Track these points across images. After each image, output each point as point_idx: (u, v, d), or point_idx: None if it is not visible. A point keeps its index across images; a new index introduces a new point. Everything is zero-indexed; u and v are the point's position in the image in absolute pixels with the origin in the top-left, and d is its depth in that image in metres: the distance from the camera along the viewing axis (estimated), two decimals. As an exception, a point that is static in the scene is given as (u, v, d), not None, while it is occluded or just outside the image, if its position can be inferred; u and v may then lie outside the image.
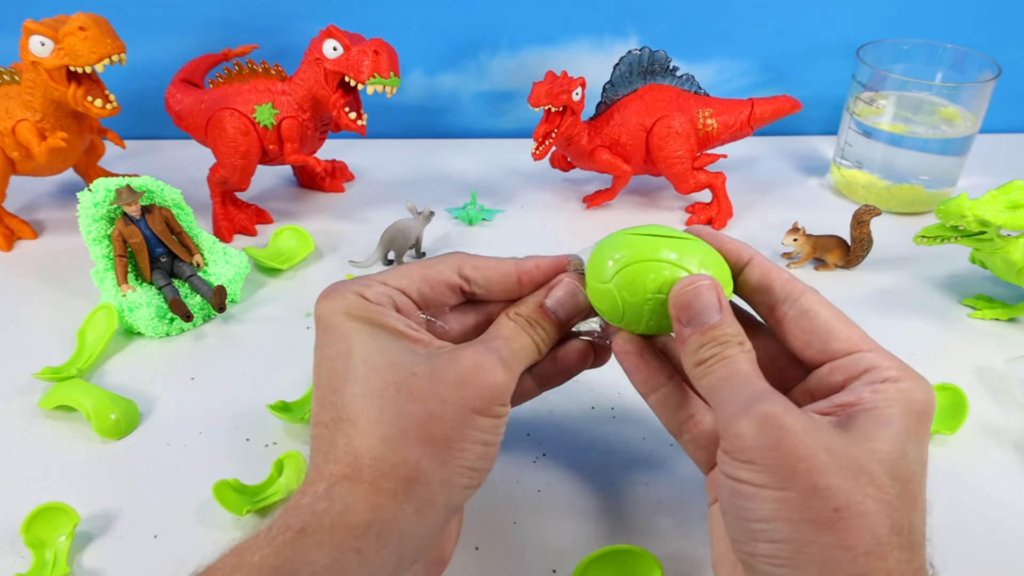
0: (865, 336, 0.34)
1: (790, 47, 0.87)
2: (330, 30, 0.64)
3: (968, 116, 0.73)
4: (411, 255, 0.69)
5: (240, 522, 0.44)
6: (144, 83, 0.78)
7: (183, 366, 0.56)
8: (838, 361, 0.33)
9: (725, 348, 0.32)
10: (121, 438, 0.50)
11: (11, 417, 0.51)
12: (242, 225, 0.72)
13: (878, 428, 0.29)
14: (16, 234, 0.70)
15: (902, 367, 0.32)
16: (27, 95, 0.65)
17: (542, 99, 0.67)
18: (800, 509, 0.27)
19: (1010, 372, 0.55)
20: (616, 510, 0.46)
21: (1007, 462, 0.49)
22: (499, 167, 0.84)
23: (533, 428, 0.51)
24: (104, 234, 0.59)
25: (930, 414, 0.31)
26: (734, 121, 0.73)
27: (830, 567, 0.27)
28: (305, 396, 0.53)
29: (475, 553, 0.43)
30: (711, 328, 0.32)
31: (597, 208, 0.77)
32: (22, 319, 0.61)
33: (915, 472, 0.30)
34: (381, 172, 0.83)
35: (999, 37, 0.86)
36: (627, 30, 0.85)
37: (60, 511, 0.43)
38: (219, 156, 0.69)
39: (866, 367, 0.32)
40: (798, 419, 0.29)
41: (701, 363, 0.33)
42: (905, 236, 0.66)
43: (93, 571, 0.42)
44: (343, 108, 0.66)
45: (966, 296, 0.64)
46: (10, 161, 0.67)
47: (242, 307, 0.62)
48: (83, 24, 0.60)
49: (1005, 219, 0.56)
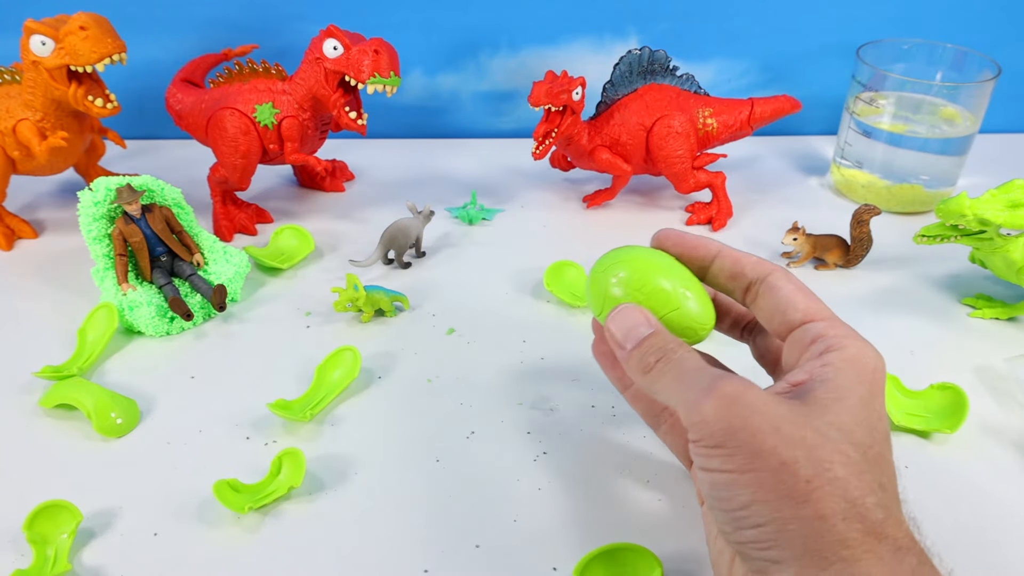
0: (822, 307, 0.35)
1: (790, 47, 0.87)
2: (330, 30, 0.64)
3: (968, 116, 0.73)
4: (411, 254, 0.69)
5: (241, 520, 0.44)
6: (144, 83, 0.78)
7: (183, 365, 0.56)
8: (794, 333, 0.34)
9: (667, 352, 0.33)
10: (121, 437, 0.50)
11: (11, 416, 0.52)
12: (242, 224, 0.72)
13: (832, 401, 0.30)
14: (16, 233, 0.70)
15: (849, 334, 0.33)
16: (28, 94, 0.65)
17: (542, 99, 0.67)
18: (774, 487, 0.28)
19: (1010, 372, 0.55)
20: (616, 508, 0.46)
21: (1007, 462, 0.49)
22: (499, 167, 0.84)
23: (534, 427, 0.51)
24: (104, 233, 0.59)
25: (880, 379, 0.32)
26: (734, 121, 0.73)
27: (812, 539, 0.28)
28: (305, 395, 0.53)
29: (476, 551, 0.43)
30: (646, 339, 0.34)
31: (597, 208, 0.77)
32: (22, 318, 0.61)
33: (875, 439, 0.30)
34: (381, 172, 0.83)
35: (999, 37, 0.86)
36: (627, 30, 0.85)
37: (63, 508, 0.43)
38: (219, 155, 0.69)
39: (814, 337, 0.33)
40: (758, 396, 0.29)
41: (649, 369, 0.33)
42: (905, 235, 0.66)
43: (94, 569, 0.42)
44: (343, 107, 0.67)
45: (966, 295, 0.64)
46: (11, 160, 0.68)
47: (242, 306, 0.62)
48: (84, 23, 0.60)
49: (1005, 218, 0.56)
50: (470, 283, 0.65)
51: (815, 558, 0.28)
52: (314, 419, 0.52)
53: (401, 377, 0.55)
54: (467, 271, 0.67)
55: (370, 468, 0.48)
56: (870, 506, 0.28)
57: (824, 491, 0.28)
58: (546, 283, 0.63)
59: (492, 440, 0.50)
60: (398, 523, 0.45)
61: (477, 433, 0.51)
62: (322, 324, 0.60)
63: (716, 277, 0.37)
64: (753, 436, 0.28)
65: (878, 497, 0.28)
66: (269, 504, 0.45)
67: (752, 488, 0.28)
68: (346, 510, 0.46)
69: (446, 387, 0.55)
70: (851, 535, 0.27)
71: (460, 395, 0.54)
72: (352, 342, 0.56)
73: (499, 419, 0.52)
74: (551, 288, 0.62)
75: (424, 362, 0.57)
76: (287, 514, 0.45)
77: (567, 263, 0.65)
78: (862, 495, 0.28)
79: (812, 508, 0.28)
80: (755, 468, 0.28)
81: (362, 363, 0.54)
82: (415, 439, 0.50)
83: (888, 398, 0.51)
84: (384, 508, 0.46)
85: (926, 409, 0.52)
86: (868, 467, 0.29)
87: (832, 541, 0.27)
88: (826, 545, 0.28)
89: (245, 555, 0.43)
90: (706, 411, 0.30)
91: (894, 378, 0.53)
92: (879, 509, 0.28)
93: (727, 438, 0.29)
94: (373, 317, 0.61)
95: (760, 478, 0.28)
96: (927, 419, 0.51)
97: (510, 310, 0.62)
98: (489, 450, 0.49)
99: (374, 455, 0.49)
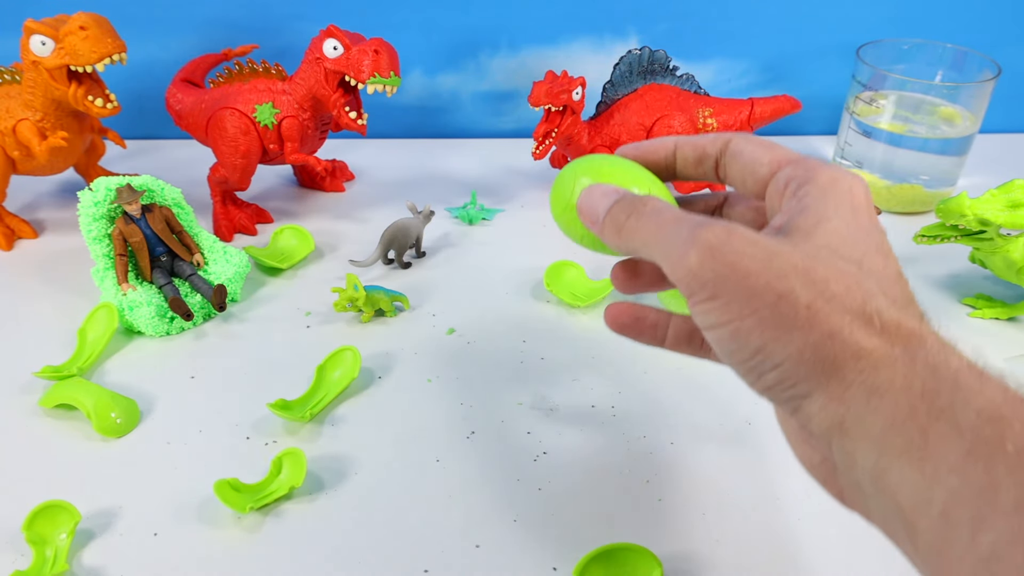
0: (786, 152, 0.33)
1: (790, 47, 0.87)
2: (330, 30, 0.64)
3: (968, 116, 0.73)
4: (411, 254, 0.69)
5: (241, 520, 0.44)
6: (144, 83, 0.78)
7: (183, 365, 0.56)
8: (768, 188, 0.33)
9: (637, 207, 0.32)
10: (121, 437, 0.50)
11: (11, 416, 0.52)
12: (242, 224, 0.72)
13: (813, 226, 0.29)
14: (17, 233, 0.70)
15: (818, 165, 0.32)
16: (28, 94, 0.65)
17: (542, 98, 0.67)
18: (778, 323, 0.27)
19: (1010, 372, 0.55)
20: (616, 508, 0.46)
21: (1007, 461, 0.49)
22: (499, 167, 0.84)
23: (534, 427, 0.51)
24: (104, 233, 0.59)
25: (859, 195, 0.31)
26: (734, 121, 0.73)
27: (829, 361, 0.27)
28: (305, 395, 0.53)
29: (476, 551, 0.43)
30: (616, 202, 0.32)
31: (597, 208, 0.77)
32: (22, 318, 0.61)
33: (867, 249, 0.30)
34: (381, 172, 0.83)
35: (999, 37, 0.86)
36: (627, 30, 0.85)
37: (62, 509, 0.43)
38: (219, 155, 0.69)
39: (786, 181, 0.32)
40: (741, 238, 0.28)
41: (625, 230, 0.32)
42: (905, 235, 0.66)
43: (93, 569, 0.42)
44: (343, 107, 0.67)
45: (966, 295, 0.64)
46: (11, 160, 0.68)
47: (242, 306, 0.62)
48: (84, 23, 0.60)
49: (1005, 218, 0.56)
50: (470, 283, 0.65)
51: (837, 378, 0.27)
52: (314, 419, 0.52)
53: (401, 377, 0.55)
54: (467, 271, 0.67)
55: (370, 468, 0.48)
56: (876, 311, 0.27)
57: (826, 310, 0.27)
58: (546, 283, 0.63)
59: (492, 440, 0.50)
60: (398, 523, 0.45)
61: (477, 433, 0.51)
62: (322, 324, 0.60)
63: (684, 169, 0.36)
64: (745, 279, 0.27)
65: (881, 302, 0.28)
66: (269, 504, 0.45)
67: (758, 331, 0.28)
68: (346, 510, 0.46)
69: (446, 387, 0.55)
70: (864, 344, 0.27)
71: (460, 395, 0.54)
72: (352, 342, 0.56)
73: (499, 419, 0.52)
74: (551, 288, 0.62)
75: (424, 362, 0.57)
76: (287, 514, 0.45)
77: (567, 263, 0.65)
78: (864, 303, 0.27)
79: (819, 330, 0.27)
80: (755, 310, 0.27)
81: (362, 363, 0.54)
82: (415, 439, 0.50)
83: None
84: (384, 508, 0.46)
85: (926, 409, 0.52)
86: (865, 276, 0.28)
87: (848, 356, 0.27)
88: (844, 361, 0.27)
89: (245, 555, 0.43)
90: (691, 263, 0.28)
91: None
92: (888, 310, 0.27)
93: (719, 287, 0.28)
94: (373, 317, 0.61)
95: (762, 318, 0.27)
96: (927, 419, 0.51)
97: (510, 310, 0.62)
98: (489, 450, 0.49)
99: (374, 455, 0.49)
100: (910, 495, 0.25)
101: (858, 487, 0.27)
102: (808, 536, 0.44)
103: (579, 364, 0.56)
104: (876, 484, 0.26)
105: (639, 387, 0.54)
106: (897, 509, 0.25)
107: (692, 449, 0.50)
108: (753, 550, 0.43)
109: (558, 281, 0.64)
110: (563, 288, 0.63)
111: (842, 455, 0.27)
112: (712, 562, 0.43)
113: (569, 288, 0.63)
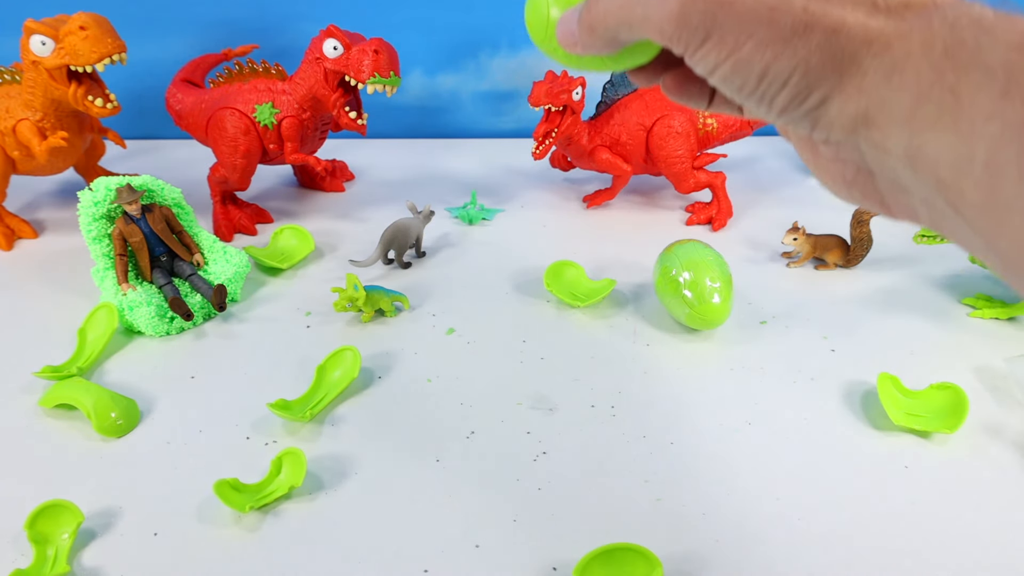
0: None
1: (790, 47, 0.87)
2: (330, 30, 0.64)
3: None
4: (411, 254, 0.69)
5: (241, 520, 0.44)
6: (144, 83, 0.78)
7: (183, 365, 0.56)
8: None
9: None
10: (121, 437, 0.50)
11: (11, 415, 0.51)
12: (242, 224, 0.72)
13: None
14: (17, 233, 0.70)
15: None
16: (28, 94, 0.65)
17: (542, 98, 0.67)
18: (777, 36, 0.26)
19: (1010, 371, 0.55)
20: (616, 508, 0.46)
21: (1007, 461, 0.49)
22: (499, 167, 0.84)
23: (533, 427, 0.51)
24: (104, 233, 0.59)
25: None
26: (734, 121, 0.73)
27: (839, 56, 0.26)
28: (305, 395, 0.53)
29: (476, 551, 0.43)
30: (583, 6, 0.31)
31: (597, 208, 0.77)
32: (23, 318, 0.61)
33: None
34: (381, 172, 0.83)
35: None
36: (627, 30, 0.85)
37: (64, 509, 0.43)
38: (219, 155, 0.69)
39: None
40: None
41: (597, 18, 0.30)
42: (905, 236, 0.66)
43: (93, 569, 0.42)
44: (343, 107, 0.67)
45: (966, 295, 0.64)
46: (11, 160, 0.68)
47: (242, 306, 0.62)
48: (84, 24, 0.60)
49: (1005, 218, 0.56)
50: (470, 283, 0.65)
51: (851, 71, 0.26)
52: (314, 419, 0.52)
53: (401, 377, 0.55)
54: (467, 271, 0.67)
55: (370, 468, 0.48)
56: None
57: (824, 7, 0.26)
58: (546, 283, 0.63)
59: (492, 440, 0.50)
60: (398, 523, 0.45)
61: (477, 433, 0.51)
62: (322, 324, 0.60)
63: None
64: (731, 6, 0.26)
65: None
66: (269, 504, 0.45)
67: (758, 54, 0.26)
68: (346, 510, 0.46)
69: (446, 387, 0.55)
70: (872, 26, 0.26)
71: (460, 395, 0.54)
72: (352, 342, 0.56)
73: (499, 419, 0.52)
74: (551, 288, 0.62)
75: (424, 362, 0.57)
76: (287, 514, 0.45)
77: (567, 263, 0.65)
78: None
79: (821, 30, 0.26)
80: (750, 33, 0.26)
81: (362, 363, 0.54)
82: (415, 439, 0.50)
83: (888, 398, 0.51)
84: (384, 508, 0.46)
85: (926, 409, 0.52)
86: None
87: (858, 44, 0.26)
88: (855, 52, 0.26)
89: (245, 555, 0.43)
90: (674, 10, 0.27)
91: (894, 378, 0.53)
92: None
93: (709, 26, 0.27)
94: (373, 317, 0.61)
95: (760, 39, 0.26)
96: (927, 419, 0.51)
97: (510, 310, 0.62)
98: (489, 450, 0.49)
99: (374, 455, 0.49)
100: (950, 162, 0.24)
101: (896, 183, 0.26)
102: (808, 536, 0.44)
103: (579, 364, 0.56)
104: (913, 167, 0.25)
105: (639, 387, 0.55)
106: (939, 185, 0.24)
107: (692, 449, 0.50)
108: (753, 550, 0.43)
109: (558, 281, 0.64)
110: (563, 288, 0.63)
111: (873, 152, 0.26)
112: (712, 562, 0.43)
113: (569, 288, 0.63)
